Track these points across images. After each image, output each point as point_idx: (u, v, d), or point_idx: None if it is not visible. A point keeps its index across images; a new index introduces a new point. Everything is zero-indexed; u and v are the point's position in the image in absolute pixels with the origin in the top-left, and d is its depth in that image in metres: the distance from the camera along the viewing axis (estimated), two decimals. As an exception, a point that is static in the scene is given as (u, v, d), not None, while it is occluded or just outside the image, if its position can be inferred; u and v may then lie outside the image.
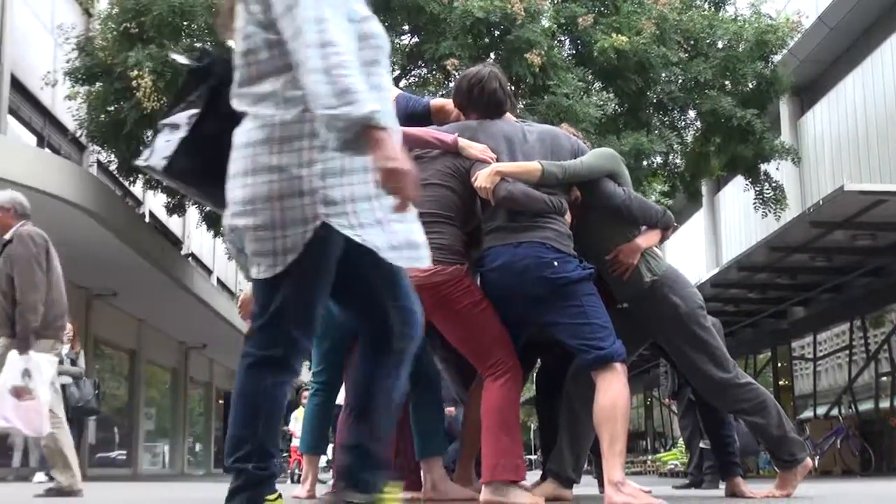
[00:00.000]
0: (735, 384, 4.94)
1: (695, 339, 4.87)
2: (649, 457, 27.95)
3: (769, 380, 22.71)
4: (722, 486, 6.50)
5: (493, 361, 4.55)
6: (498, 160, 4.60)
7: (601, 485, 6.52)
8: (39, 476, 12.99)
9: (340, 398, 6.00)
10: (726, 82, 17.56)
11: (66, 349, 13.26)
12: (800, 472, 5.19)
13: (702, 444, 11.35)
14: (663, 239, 5.03)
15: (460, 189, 4.65)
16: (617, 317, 4.58)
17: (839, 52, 22.06)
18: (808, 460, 5.26)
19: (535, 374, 6.06)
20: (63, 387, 13.12)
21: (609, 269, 4.79)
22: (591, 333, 4.41)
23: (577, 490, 5.30)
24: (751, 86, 17.81)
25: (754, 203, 19.12)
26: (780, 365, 22.39)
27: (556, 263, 4.41)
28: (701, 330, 4.89)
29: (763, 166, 18.81)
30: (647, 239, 4.85)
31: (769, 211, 18.86)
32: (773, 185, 18.93)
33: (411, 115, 4.99)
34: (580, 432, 5.02)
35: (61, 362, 13.13)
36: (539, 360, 5.90)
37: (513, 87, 15.71)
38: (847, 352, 18.72)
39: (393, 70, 17.09)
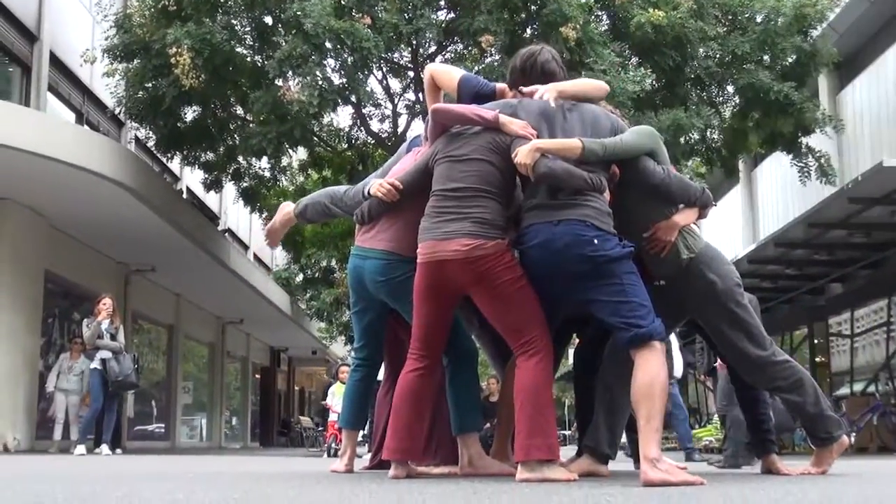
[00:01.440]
0: (772, 362, 4.94)
1: (732, 317, 4.88)
2: (684, 433, 27.84)
3: (806, 356, 22.58)
4: (757, 463, 6.50)
5: (528, 339, 4.56)
6: (538, 137, 4.62)
7: (637, 462, 6.56)
8: (80, 449, 13.20)
9: (380, 374, 6.05)
10: (765, 57, 17.41)
11: (106, 324, 13.43)
12: (836, 449, 5.20)
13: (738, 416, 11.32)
14: (701, 217, 5.02)
15: (501, 164, 4.66)
16: (654, 294, 4.58)
17: (880, 24, 21.75)
18: (845, 438, 5.27)
19: (571, 350, 6.08)
20: (103, 360, 13.36)
21: (647, 247, 4.79)
22: (631, 311, 4.41)
23: (613, 466, 5.33)
24: (790, 60, 17.65)
25: (800, 177, 18.93)
26: (816, 342, 22.26)
27: (596, 241, 4.41)
28: (738, 307, 4.89)
29: (804, 140, 18.64)
30: (684, 216, 4.84)
31: (819, 180, 18.64)
32: (817, 155, 18.75)
33: (478, 96, 5.05)
34: (616, 409, 5.06)
35: (101, 337, 13.36)
36: (576, 337, 5.92)
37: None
38: (885, 328, 18.57)
39: (429, 45, 17.12)
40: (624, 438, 6.37)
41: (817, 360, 22.12)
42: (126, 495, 3.60)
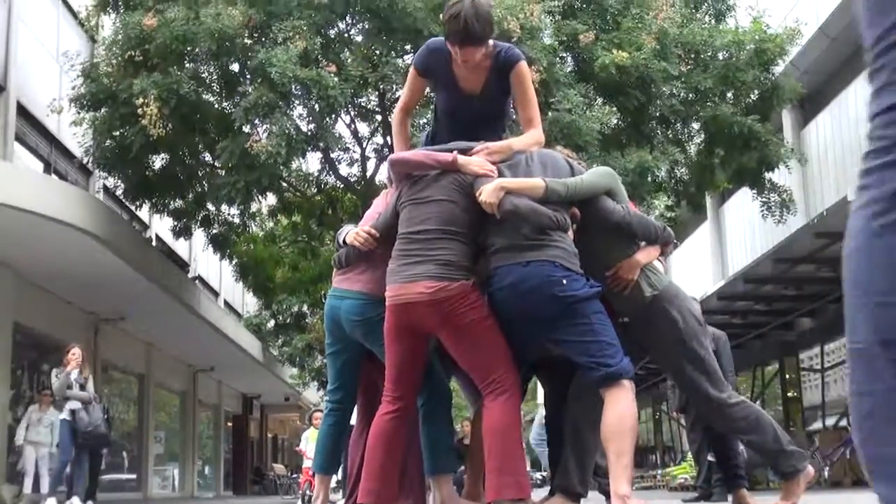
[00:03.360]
0: (728, 404, 4.96)
1: (693, 356, 4.90)
2: (659, 471, 27.88)
3: (777, 392, 22.69)
4: (730, 498, 6.53)
5: (495, 378, 4.58)
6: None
7: (608, 499, 6.57)
8: (51, 501, 13.04)
9: (353, 419, 6.04)
10: (728, 94, 17.63)
11: (75, 374, 13.32)
12: (802, 480, 5.24)
13: (710, 458, 11.38)
14: (663, 254, 5.08)
15: (465, 203, 4.69)
16: (618, 332, 4.62)
17: (841, 62, 22.07)
18: (810, 468, 5.31)
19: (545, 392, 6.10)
20: (73, 411, 13.23)
21: (610, 285, 4.83)
22: (600, 351, 4.45)
23: (586, 504, 5.34)
24: (753, 96, 17.87)
25: (761, 211, 19.14)
26: (788, 376, 22.35)
27: (564, 282, 4.45)
28: (699, 347, 4.91)
29: (768, 175, 18.85)
30: (646, 254, 4.89)
31: (776, 217, 18.86)
32: (780, 191, 18.96)
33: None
34: (585, 447, 5.09)
35: (70, 387, 13.24)
36: (545, 379, 5.95)
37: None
38: (855, 362, 18.67)
39: (395, 90, 17.23)
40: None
41: (789, 394, 22.20)
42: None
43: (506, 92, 5.11)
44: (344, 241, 5.37)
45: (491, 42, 4.99)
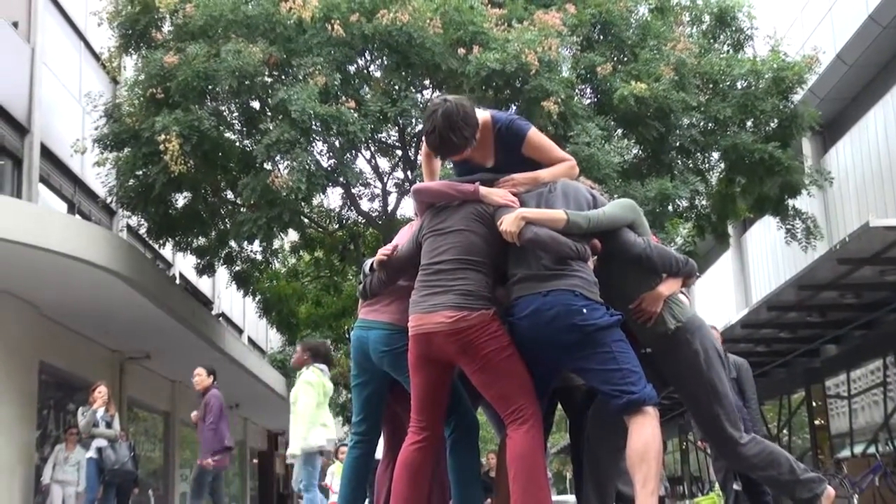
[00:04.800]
0: (742, 444, 4.92)
1: (711, 390, 4.87)
2: (687, 502, 27.69)
3: (804, 419, 22.52)
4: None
5: (516, 407, 4.60)
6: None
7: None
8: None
9: (379, 452, 6.04)
10: (748, 122, 17.62)
11: (101, 412, 13.39)
12: (825, 502, 5.22)
13: (735, 487, 11.31)
14: (685, 286, 5.08)
15: (485, 233, 4.72)
16: (641, 361, 4.63)
17: (859, 88, 22.11)
18: (830, 489, 5.28)
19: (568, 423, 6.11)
20: (99, 449, 13.29)
21: (633, 317, 4.83)
22: (622, 379, 4.46)
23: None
24: (773, 124, 17.86)
25: (786, 238, 19.08)
26: (814, 404, 22.20)
27: (585, 311, 4.47)
28: (719, 382, 4.88)
29: (790, 202, 18.80)
30: (668, 286, 4.88)
31: (803, 245, 18.80)
32: (804, 217, 18.90)
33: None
34: (603, 474, 5.12)
35: (96, 425, 13.31)
36: (567, 408, 5.95)
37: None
38: (882, 388, 18.57)
39: (415, 125, 17.35)
40: None
41: (816, 422, 22.04)
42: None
43: (521, 162, 5.03)
44: (371, 269, 5.40)
45: (486, 115, 4.99)
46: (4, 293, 15.12)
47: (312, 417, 9.13)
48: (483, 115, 4.96)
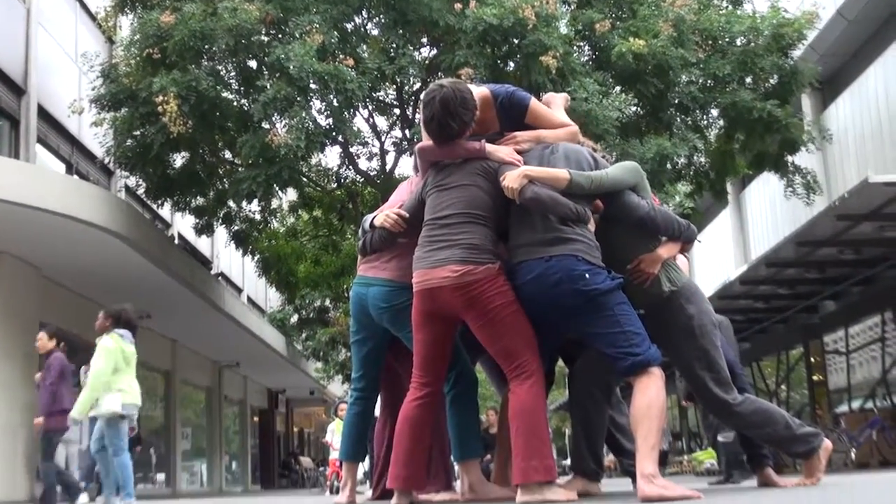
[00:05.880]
0: (735, 404, 5.00)
1: (703, 355, 4.94)
2: (685, 457, 27.88)
3: (803, 375, 22.62)
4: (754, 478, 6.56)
5: (519, 362, 4.63)
6: None
7: (634, 480, 6.62)
8: (83, 498, 13.16)
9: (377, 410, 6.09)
10: (747, 78, 17.54)
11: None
12: (822, 455, 5.28)
13: (720, 438, 11.47)
14: (683, 251, 5.12)
15: (490, 189, 4.74)
16: None
17: (859, 44, 21.99)
18: (827, 442, 5.35)
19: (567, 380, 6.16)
20: (102, 409, 13.32)
21: (630, 278, 4.85)
22: (626, 341, 4.50)
23: (612, 487, 5.39)
24: (772, 81, 17.78)
25: (786, 193, 19.06)
26: (813, 360, 22.29)
27: (587, 276, 4.49)
28: (711, 347, 4.95)
29: (790, 158, 18.75)
30: (668, 249, 4.93)
31: (802, 199, 18.78)
32: (803, 173, 18.86)
33: None
34: (591, 427, 5.25)
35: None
36: (566, 367, 6.00)
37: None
38: (879, 343, 18.64)
39: (413, 83, 17.26)
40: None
41: (814, 378, 22.15)
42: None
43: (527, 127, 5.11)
44: (371, 225, 5.40)
45: (485, 91, 5.04)
46: (4, 254, 15.15)
47: (108, 384, 9.26)
48: (481, 91, 5.02)
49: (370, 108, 19.31)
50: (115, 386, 9.45)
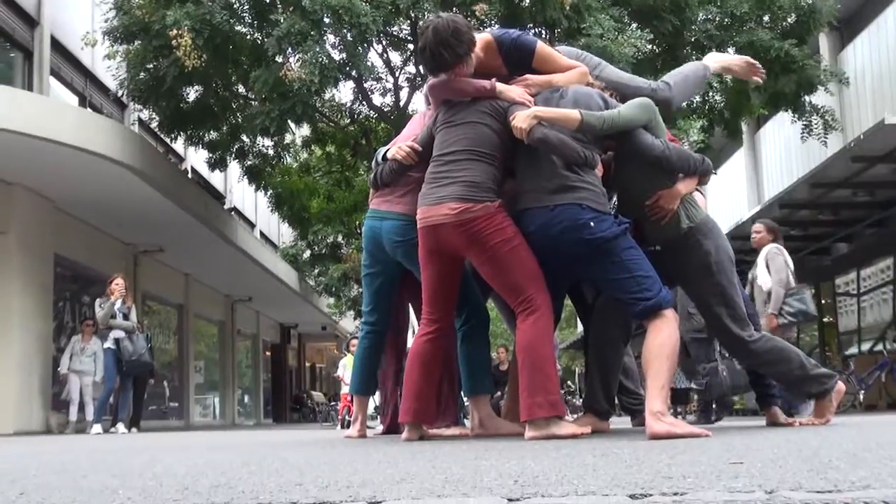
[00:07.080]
0: (752, 341, 5.03)
1: (720, 291, 4.96)
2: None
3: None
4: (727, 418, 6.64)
5: (524, 297, 4.64)
6: None
7: (633, 417, 6.72)
8: (97, 428, 13.36)
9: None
10: (765, 17, 17.34)
11: (119, 304, 13.56)
12: (834, 398, 5.33)
13: (693, 385, 11.50)
14: (701, 184, 5.12)
15: (498, 127, 4.73)
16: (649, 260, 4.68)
17: (879, -17, 21.72)
18: (840, 384, 5.40)
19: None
20: (117, 340, 13.50)
21: (648, 214, 4.86)
22: (637, 286, 4.52)
23: (621, 425, 5.44)
24: (790, 20, 17.57)
25: (802, 134, 18.92)
26: (824, 301, 22.30)
27: (592, 224, 4.50)
28: (728, 284, 4.97)
29: (807, 98, 18.59)
30: (686, 185, 4.92)
31: (821, 139, 18.61)
32: (821, 112, 18.68)
33: None
34: (607, 366, 5.29)
35: (114, 317, 13.49)
36: (576, 304, 6.05)
37: (548, 32, 15.65)
38: (891, 286, 18.63)
39: (428, 18, 17.07)
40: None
41: (825, 319, 22.17)
42: (148, 462, 3.71)
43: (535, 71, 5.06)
44: (384, 157, 5.40)
45: (489, 37, 4.98)
46: (19, 186, 15.20)
47: None
48: (485, 37, 4.98)
49: (384, 42, 19.18)
50: None
